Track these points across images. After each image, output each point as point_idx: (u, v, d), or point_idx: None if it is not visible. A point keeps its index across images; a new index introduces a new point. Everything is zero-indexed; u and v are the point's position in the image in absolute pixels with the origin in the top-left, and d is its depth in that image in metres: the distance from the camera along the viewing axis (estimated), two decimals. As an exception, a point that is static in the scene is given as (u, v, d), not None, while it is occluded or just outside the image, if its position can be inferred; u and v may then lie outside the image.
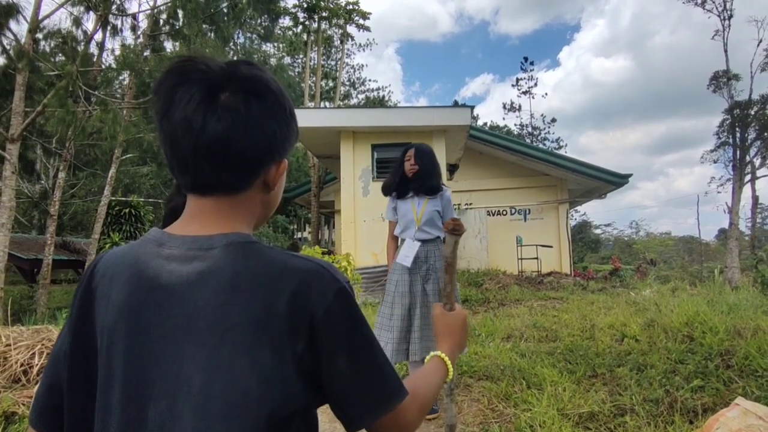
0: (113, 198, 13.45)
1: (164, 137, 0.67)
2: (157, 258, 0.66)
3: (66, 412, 0.68)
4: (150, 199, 17.97)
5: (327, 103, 26.30)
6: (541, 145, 33.65)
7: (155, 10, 11.79)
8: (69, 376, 0.68)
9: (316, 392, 0.66)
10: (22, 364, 3.57)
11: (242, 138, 0.65)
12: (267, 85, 0.68)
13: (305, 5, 19.09)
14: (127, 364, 0.62)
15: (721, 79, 20.11)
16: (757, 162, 20.37)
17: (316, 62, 20.59)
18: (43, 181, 18.11)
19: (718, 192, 22.21)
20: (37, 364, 3.58)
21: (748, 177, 20.37)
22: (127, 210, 14.57)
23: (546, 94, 69.33)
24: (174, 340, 0.61)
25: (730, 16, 20.19)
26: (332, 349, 0.64)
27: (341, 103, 26.94)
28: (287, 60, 25.91)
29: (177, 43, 12.12)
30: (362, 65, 39.34)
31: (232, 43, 14.82)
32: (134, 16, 11.77)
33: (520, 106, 38.50)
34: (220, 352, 0.60)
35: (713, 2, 20.47)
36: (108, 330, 0.64)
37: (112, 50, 12.59)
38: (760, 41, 20.03)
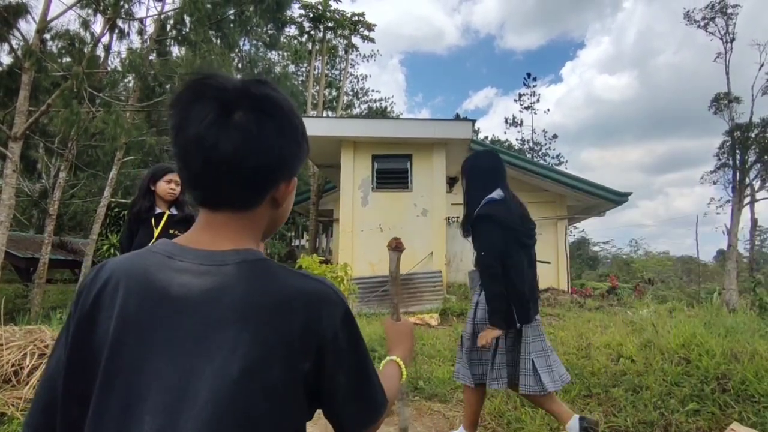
0: (113, 199, 13.44)
1: (178, 151, 0.69)
2: (167, 270, 0.66)
3: (58, 427, 0.66)
4: (149, 202, 17.90)
5: (329, 113, 26.42)
6: (541, 161, 33.76)
7: (162, 16, 11.89)
8: (65, 389, 0.66)
9: (314, 407, 0.69)
10: (13, 365, 3.54)
11: (252, 156, 0.67)
12: (278, 105, 0.70)
13: (311, 15, 19.28)
14: (129, 375, 0.61)
15: (723, 101, 20.26)
16: (757, 184, 20.45)
17: (320, 71, 20.73)
18: (43, 181, 18.13)
19: (717, 213, 22.32)
20: (28, 365, 3.54)
21: (747, 199, 20.42)
22: (126, 212, 14.53)
23: (548, 109, 69.80)
24: (182, 354, 0.61)
25: (732, 39, 20.40)
26: (335, 368, 0.67)
27: (344, 113, 27.07)
28: (292, 68, 26.04)
29: (183, 49, 12.21)
30: (366, 76, 39.62)
31: (237, 50, 14.92)
32: (142, 21, 11.88)
33: (521, 121, 38.66)
34: (229, 369, 0.60)
35: (715, 25, 20.70)
36: (112, 341, 0.63)
37: (119, 53, 12.70)
38: (762, 65, 20.21)
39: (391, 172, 10.10)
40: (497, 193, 2.60)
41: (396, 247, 1.17)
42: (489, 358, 2.46)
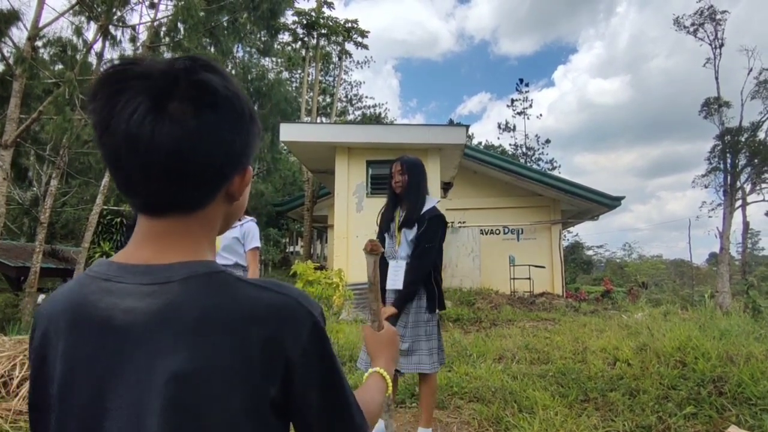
0: (105, 207, 13.34)
1: (106, 153, 0.59)
2: (107, 296, 0.59)
3: None
4: (142, 209, 17.80)
5: (323, 119, 26.45)
6: (535, 166, 33.91)
7: (156, 23, 11.86)
8: None
9: (287, 426, 0.63)
10: (2, 376, 3.47)
11: (196, 153, 0.58)
12: (217, 91, 0.60)
13: (305, 22, 19.34)
14: (81, 418, 0.57)
15: (713, 106, 20.50)
16: (748, 188, 20.67)
17: (314, 78, 20.77)
18: (35, 188, 17.99)
19: (710, 216, 22.42)
20: (17, 376, 3.48)
21: (738, 202, 20.61)
22: (118, 219, 14.45)
23: (541, 115, 70.01)
24: (131, 390, 0.55)
25: (721, 45, 20.69)
26: (305, 387, 0.60)
27: (338, 119, 27.12)
28: (285, 75, 26.09)
29: (176, 56, 12.17)
30: (360, 82, 39.87)
31: (231, 57, 14.93)
32: (134, 28, 11.85)
33: (514, 127, 38.88)
34: (185, 402, 0.54)
35: (704, 31, 20.98)
36: (59, 383, 0.58)
37: (111, 60, 12.65)
38: (750, 70, 20.52)
39: (386, 178, 10.04)
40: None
41: (371, 250, 1.11)
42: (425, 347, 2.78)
